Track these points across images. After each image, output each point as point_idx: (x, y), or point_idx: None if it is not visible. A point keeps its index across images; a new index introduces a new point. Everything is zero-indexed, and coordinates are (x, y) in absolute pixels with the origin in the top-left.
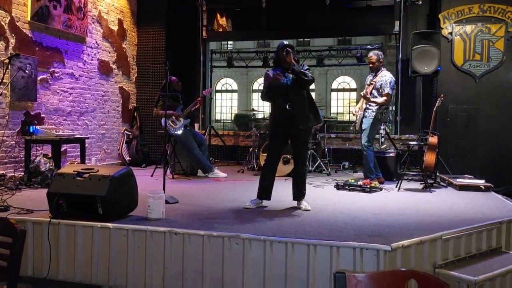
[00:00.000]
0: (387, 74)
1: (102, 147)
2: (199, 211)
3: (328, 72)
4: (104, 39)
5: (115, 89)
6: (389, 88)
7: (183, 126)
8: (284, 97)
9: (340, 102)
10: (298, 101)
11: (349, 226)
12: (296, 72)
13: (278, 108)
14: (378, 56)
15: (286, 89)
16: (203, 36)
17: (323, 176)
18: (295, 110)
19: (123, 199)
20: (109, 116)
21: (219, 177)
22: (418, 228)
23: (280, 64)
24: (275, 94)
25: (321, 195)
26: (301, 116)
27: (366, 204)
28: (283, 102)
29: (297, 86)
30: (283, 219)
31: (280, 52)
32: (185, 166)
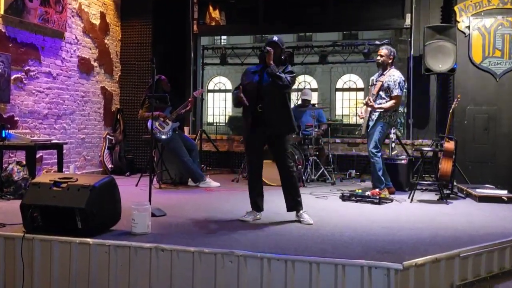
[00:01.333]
0: (395, 74)
1: (81, 154)
2: (189, 224)
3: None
4: (85, 34)
5: (97, 89)
6: (398, 90)
7: (171, 129)
8: (254, 96)
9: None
10: (269, 101)
11: (356, 242)
12: (269, 74)
13: (247, 109)
14: (390, 52)
15: (257, 88)
16: (193, 31)
17: (327, 186)
18: (267, 113)
19: (104, 212)
20: (89, 119)
21: (211, 187)
22: (433, 244)
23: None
24: (246, 92)
25: (325, 207)
26: (273, 119)
27: (375, 217)
28: (253, 102)
29: (273, 85)
30: (282, 234)
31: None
32: (174, 175)
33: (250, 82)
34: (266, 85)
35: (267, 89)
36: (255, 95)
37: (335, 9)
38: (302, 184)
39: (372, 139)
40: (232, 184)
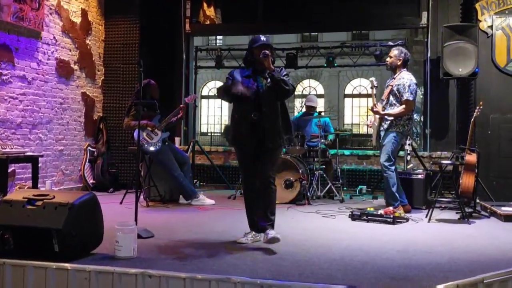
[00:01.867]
0: (405, 76)
1: (59, 168)
2: (180, 247)
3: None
4: (64, 34)
5: (77, 95)
6: (409, 93)
7: (160, 140)
8: (252, 103)
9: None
10: (268, 111)
11: (368, 267)
12: (275, 79)
13: (240, 116)
14: (400, 53)
15: (256, 95)
16: (186, 30)
17: (335, 204)
18: (264, 123)
19: (85, 233)
20: (68, 128)
21: (205, 205)
22: (453, 269)
23: (253, 65)
24: (240, 97)
25: (333, 227)
26: (271, 131)
27: (389, 239)
28: (248, 109)
29: (272, 93)
30: (285, 257)
31: (256, 51)
32: (163, 191)
33: (247, 87)
34: (264, 92)
35: (266, 96)
36: (251, 102)
37: (343, 6)
38: (307, 202)
39: (384, 151)
40: (229, 201)
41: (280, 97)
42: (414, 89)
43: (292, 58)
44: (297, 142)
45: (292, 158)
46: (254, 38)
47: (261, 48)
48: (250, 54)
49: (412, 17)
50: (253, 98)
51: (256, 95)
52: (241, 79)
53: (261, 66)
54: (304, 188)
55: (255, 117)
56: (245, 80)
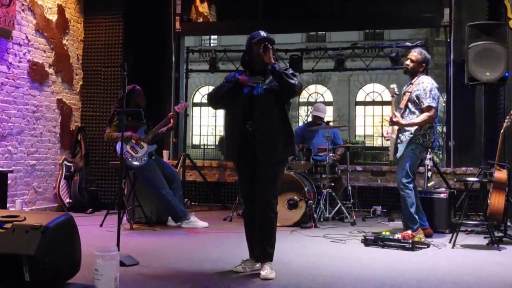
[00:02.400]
0: (425, 80)
1: (31, 185)
2: (168, 277)
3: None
4: (38, 33)
5: (52, 102)
6: (431, 99)
7: (146, 154)
8: (246, 111)
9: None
10: (261, 115)
11: None
12: (277, 72)
13: (233, 125)
14: (424, 58)
15: (250, 101)
16: (176, 29)
17: (346, 226)
18: (258, 133)
19: (60, 260)
20: (42, 140)
21: (197, 228)
22: None
23: (251, 65)
24: (233, 103)
25: (343, 254)
26: (263, 140)
27: (407, 267)
28: (241, 118)
29: (270, 98)
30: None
31: (255, 48)
32: (149, 212)
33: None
34: (259, 96)
35: (261, 101)
36: (243, 110)
37: (355, 1)
38: (313, 224)
39: (402, 166)
40: (224, 224)
41: (286, 94)
42: (436, 94)
43: (296, 60)
44: (302, 156)
45: (296, 175)
46: (253, 33)
47: (260, 42)
48: (248, 52)
49: (433, 14)
50: (247, 103)
51: (248, 101)
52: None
53: (261, 64)
54: (310, 208)
55: (250, 127)
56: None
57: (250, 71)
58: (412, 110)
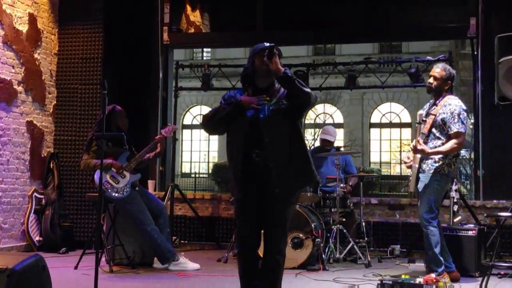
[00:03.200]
0: (452, 102)
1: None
2: None
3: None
4: (6, 46)
5: (21, 124)
6: (459, 124)
7: (129, 185)
8: (250, 138)
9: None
10: (275, 145)
11: None
12: (289, 78)
13: (235, 155)
14: (448, 74)
15: (256, 126)
16: (163, 41)
17: (360, 268)
18: (270, 162)
19: None
20: (9, 168)
21: (187, 270)
22: None
23: (253, 82)
24: (234, 129)
25: None
26: (282, 175)
27: None
28: (245, 146)
29: (280, 120)
30: None
31: (257, 59)
32: (132, 252)
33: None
34: (267, 119)
35: (270, 125)
36: (247, 137)
37: (368, 10)
38: (321, 266)
39: (425, 199)
40: (218, 265)
41: (299, 106)
42: (465, 118)
43: (301, 77)
44: (308, 187)
45: (302, 208)
46: (256, 45)
47: (262, 51)
48: (251, 65)
49: (458, 24)
50: (251, 129)
51: (254, 124)
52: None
53: (266, 80)
54: (318, 248)
55: (258, 156)
56: None
57: (253, 89)
58: (437, 135)
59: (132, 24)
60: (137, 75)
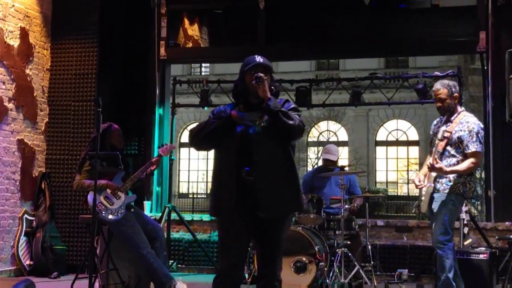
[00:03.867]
0: (470, 119)
1: None
2: None
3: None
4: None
5: (11, 143)
6: (477, 143)
7: (124, 206)
8: (240, 155)
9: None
10: (263, 162)
11: None
12: (272, 110)
13: (223, 173)
14: (449, 89)
15: (246, 141)
16: (160, 56)
17: None
18: (259, 184)
19: None
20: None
21: None
22: None
23: (244, 96)
24: (223, 145)
25: None
26: (271, 195)
27: None
28: (234, 164)
29: (270, 137)
30: None
31: (248, 76)
32: (126, 277)
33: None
34: (258, 136)
35: (261, 143)
36: (237, 154)
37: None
38: None
39: (440, 220)
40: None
41: (283, 137)
42: (482, 136)
43: (304, 93)
44: (311, 208)
45: (304, 231)
46: (248, 58)
47: (254, 70)
48: (241, 81)
49: (467, 38)
50: (242, 146)
51: (244, 140)
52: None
53: (258, 96)
54: (322, 272)
55: (248, 175)
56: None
57: (245, 105)
58: (452, 153)
59: (128, 39)
60: (133, 92)
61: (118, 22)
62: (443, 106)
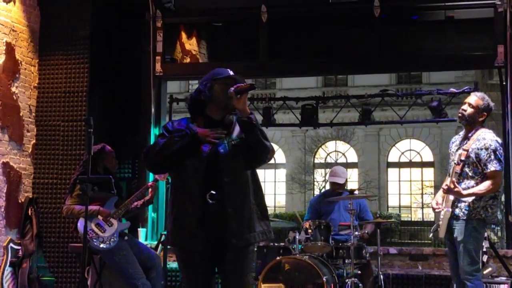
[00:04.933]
0: (487, 136)
1: None
2: None
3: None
4: None
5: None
6: (496, 162)
7: (117, 234)
8: (207, 176)
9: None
10: (237, 189)
11: None
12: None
13: (186, 198)
14: (486, 103)
15: (214, 161)
16: (156, 72)
17: None
18: (229, 208)
19: None
20: None
21: None
22: None
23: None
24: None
25: None
26: (241, 221)
27: None
28: (199, 187)
29: (240, 158)
30: None
31: (218, 86)
32: None
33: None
34: (227, 156)
35: (230, 163)
36: (202, 176)
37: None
38: None
39: (465, 250)
40: None
41: (256, 159)
42: (502, 155)
43: (310, 111)
44: (318, 235)
45: (311, 260)
46: (216, 70)
47: (229, 81)
48: (209, 91)
49: (484, 52)
50: (207, 166)
51: (213, 160)
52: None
53: (221, 111)
54: None
55: (213, 199)
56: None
57: (205, 120)
58: (470, 174)
59: (121, 54)
60: (127, 110)
61: (110, 36)
62: (466, 112)
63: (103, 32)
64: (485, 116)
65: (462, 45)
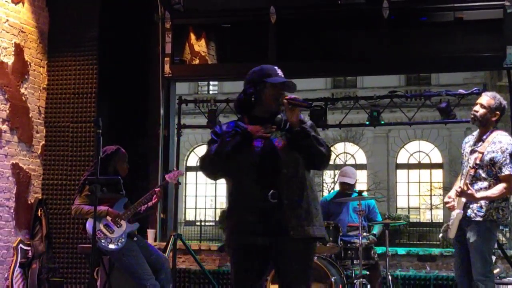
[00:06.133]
0: (503, 139)
1: None
2: None
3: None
4: None
5: (5, 167)
6: (511, 166)
7: (125, 235)
8: (260, 171)
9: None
10: (295, 182)
11: None
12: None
13: (243, 195)
14: (498, 102)
15: (270, 155)
16: (165, 73)
17: None
18: (287, 203)
19: None
20: None
21: None
22: None
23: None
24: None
25: None
26: (299, 213)
27: None
28: (255, 183)
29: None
30: None
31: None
32: None
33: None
34: (283, 149)
35: (287, 153)
36: (258, 172)
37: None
38: None
39: (478, 252)
40: None
41: (313, 165)
42: None
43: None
44: (327, 236)
45: (320, 261)
46: (265, 67)
47: (283, 88)
48: (257, 92)
49: (493, 53)
50: (262, 162)
51: (265, 154)
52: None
53: (269, 111)
54: None
55: (274, 198)
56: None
57: (250, 118)
58: (483, 176)
59: (130, 55)
60: (136, 112)
61: (119, 37)
62: (478, 112)
63: (112, 33)
64: (498, 115)
65: (471, 46)
